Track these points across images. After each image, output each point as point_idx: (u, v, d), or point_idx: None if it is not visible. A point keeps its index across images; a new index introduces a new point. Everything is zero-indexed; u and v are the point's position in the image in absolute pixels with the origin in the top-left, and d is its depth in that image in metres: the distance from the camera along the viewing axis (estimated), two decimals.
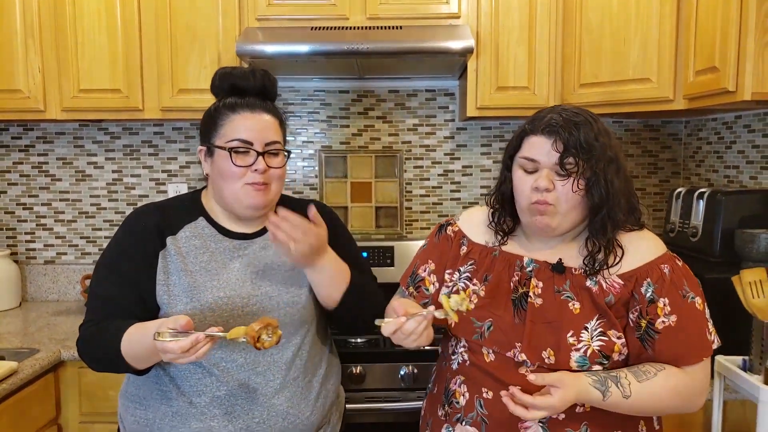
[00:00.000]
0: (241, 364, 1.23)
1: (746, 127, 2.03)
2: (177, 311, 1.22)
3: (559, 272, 1.17)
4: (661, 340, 1.11)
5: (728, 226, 1.74)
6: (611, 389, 1.08)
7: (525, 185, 1.15)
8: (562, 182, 1.12)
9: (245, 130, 1.24)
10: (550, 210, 1.13)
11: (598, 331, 1.12)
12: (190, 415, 1.22)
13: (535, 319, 1.15)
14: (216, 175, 1.28)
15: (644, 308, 1.13)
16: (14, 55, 2.11)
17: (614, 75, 1.98)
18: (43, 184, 2.51)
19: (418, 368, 1.83)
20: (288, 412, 1.25)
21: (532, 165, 1.14)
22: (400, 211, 2.52)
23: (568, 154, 1.10)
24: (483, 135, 2.50)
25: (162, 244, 1.27)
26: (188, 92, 2.14)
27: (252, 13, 2.12)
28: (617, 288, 1.14)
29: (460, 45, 1.96)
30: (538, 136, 1.14)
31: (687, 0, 1.80)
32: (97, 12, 2.10)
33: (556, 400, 1.04)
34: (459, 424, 1.20)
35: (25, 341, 1.95)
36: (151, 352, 1.11)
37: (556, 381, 1.06)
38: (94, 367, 1.26)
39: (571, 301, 1.15)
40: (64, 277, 2.51)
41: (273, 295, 1.27)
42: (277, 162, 1.28)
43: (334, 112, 2.51)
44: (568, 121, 1.12)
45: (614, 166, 1.13)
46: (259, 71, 1.31)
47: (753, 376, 1.45)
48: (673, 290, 1.13)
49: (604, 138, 1.13)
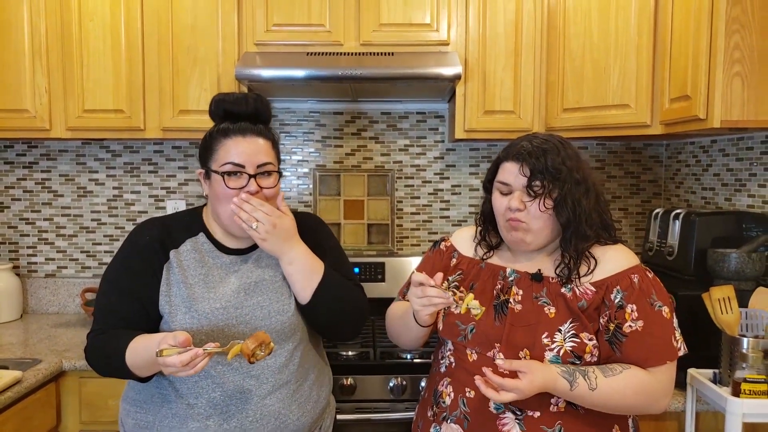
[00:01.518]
0: (235, 368, 1.31)
1: (721, 151, 2.13)
2: (177, 320, 1.30)
3: (538, 281, 1.29)
4: (627, 343, 1.21)
5: (701, 246, 1.82)
6: (578, 380, 1.17)
7: (501, 205, 1.29)
8: (531, 202, 1.25)
9: (237, 154, 1.31)
10: (523, 227, 1.26)
11: (570, 333, 1.22)
12: (188, 416, 1.29)
13: (514, 323, 1.25)
14: (212, 197, 1.36)
15: (613, 313, 1.23)
16: (22, 76, 2.19)
17: (595, 101, 2.08)
18: (46, 200, 2.58)
19: (407, 380, 1.90)
20: (280, 413, 1.33)
21: (506, 188, 1.29)
22: (392, 229, 2.61)
23: (534, 177, 1.24)
24: (471, 156, 2.60)
25: (166, 257, 1.35)
26: (188, 113, 2.22)
27: (251, 38, 2.21)
28: (590, 294, 1.25)
29: (449, 71, 2.06)
30: (510, 162, 1.28)
31: (662, 31, 1.90)
32: (102, 35, 2.19)
33: (524, 384, 1.13)
34: (445, 422, 1.29)
35: (27, 352, 2.01)
36: (152, 364, 1.19)
37: (524, 366, 1.15)
38: (100, 373, 1.34)
39: (547, 306, 1.25)
40: (64, 290, 2.58)
41: (264, 305, 1.35)
42: (270, 182, 1.35)
43: (329, 133, 2.60)
44: (537, 148, 1.25)
45: (582, 187, 1.26)
46: (251, 96, 1.38)
47: (722, 388, 1.52)
48: (641, 298, 1.23)
49: (572, 162, 1.26)
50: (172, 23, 2.19)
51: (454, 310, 1.29)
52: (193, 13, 2.19)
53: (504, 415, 1.23)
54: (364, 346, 2.07)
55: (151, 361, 1.18)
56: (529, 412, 1.22)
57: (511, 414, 1.23)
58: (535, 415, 1.22)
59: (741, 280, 1.69)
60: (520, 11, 2.20)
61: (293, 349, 1.38)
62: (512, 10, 2.19)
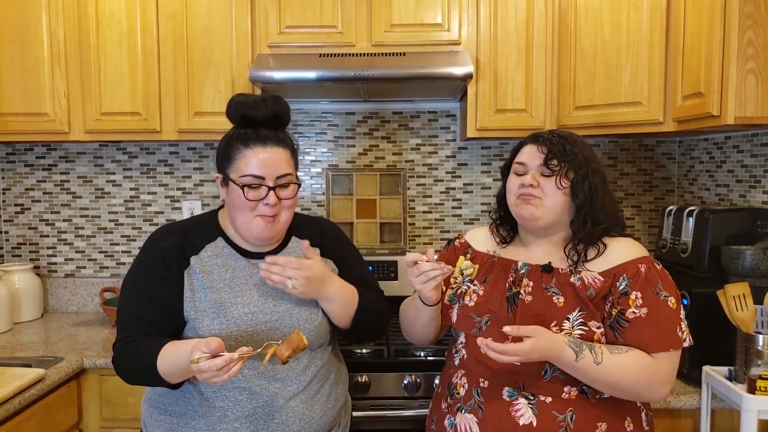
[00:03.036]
0: (261, 371, 1.31)
1: (735, 148, 2.12)
2: (205, 326, 1.30)
3: (548, 272, 1.31)
4: (630, 328, 1.23)
5: (716, 243, 1.82)
6: (584, 353, 1.19)
7: (515, 184, 1.35)
8: (547, 180, 1.30)
9: (257, 165, 1.30)
10: (536, 201, 1.30)
11: (578, 321, 1.24)
12: (214, 418, 1.30)
13: (524, 313, 1.28)
14: (230, 205, 1.36)
15: (616, 299, 1.25)
16: (41, 80, 2.23)
17: (607, 98, 2.08)
18: (65, 201, 2.63)
19: (421, 378, 1.91)
20: (304, 414, 1.34)
21: (522, 168, 1.35)
22: (404, 227, 2.62)
23: (552, 155, 1.30)
24: (483, 154, 2.61)
25: (186, 263, 1.35)
26: (203, 115, 2.25)
27: (264, 40, 2.24)
28: (598, 283, 1.27)
29: (461, 71, 2.07)
30: (528, 146, 1.36)
31: (675, 28, 1.90)
32: (119, 40, 2.23)
33: (527, 346, 1.15)
34: (459, 413, 1.31)
35: (48, 350, 2.05)
36: (185, 371, 1.20)
37: (530, 331, 1.17)
38: (128, 382, 1.34)
39: (555, 295, 1.28)
40: (83, 290, 2.63)
41: (293, 312, 1.36)
42: (288, 193, 1.35)
43: (341, 133, 2.63)
44: (556, 135, 1.34)
45: (599, 176, 1.31)
46: (270, 99, 1.36)
47: (737, 385, 1.52)
48: (646, 286, 1.25)
49: (588, 152, 1.32)
50: (186, 27, 2.22)
51: (454, 277, 1.33)
52: (207, 17, 2.22)
53: (517, 401, 1.26)
54: (377, 343, 2.09)
55: (183, 368, 1.19)
56: (542, 397, 1.25)
57: (524, 400, 1.26)
58: (548, 400, 1.24)
59: (756, 277, 1.69)
60: (531, 10, 2.20)
61: (317, 353, 1.40)
62: (523, 8, 2.20)
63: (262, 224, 1.33)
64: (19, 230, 2.64)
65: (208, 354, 1.13)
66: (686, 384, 1.75)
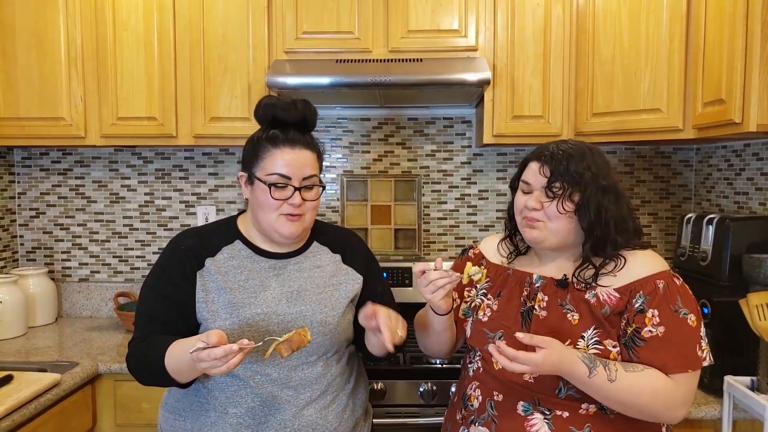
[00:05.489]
0: (274, 378, 1.31)
1: (755, 155, 2.10)
2: (216, 326, 1.31)
3: (563, 287, 1.28)
4: (645, 348, 1.19)
5: (736, 251, 1.80)
6: (598, 369, 1.15)
7: (519, 203, 1.32)
8: (549, 203, 1.25)
9: (284, 165, 1.32)
10: (540, 225, 1.27)
11: (594, 340, 1.21)
12: (227, 424, 1.30)
13: (538, 329, 1.25)
14: (254, 204, 1.37)
15: (632, 317, 1.21)
16: (58, 85, 2.25)
17: (626, 105, 2.07)
18: (80, 206, 2.64)
19: (437, 385, 1.90)
20: (317, 423, 1.33)
21: (527, 187, 1.31)
22: (418, 234, 2.61)
23: (554, 179, 1.25)
24: (499, 161, 2.60)
25: (200, 265, 1.37)
26: (220, 120, 2.25)
27: (281, 46, 2.24)
28: (613, 300, 1.23)
29: (478, 77, 2.06)
30: (533, 162, 1.31)
31: (695, 35, 1.89)
32: (136, 45, 2.24)
33: (539, 357, 1.12)
34: (473, 426, 1.29)
35: (63, 355, 2.05)
36: (191, 368, 1.20)
37: (544, 342, 1.14)
38: (142, 382, 1.35)
39: (570, 313, 1.25)
40: (97, 295, 2.63)
41: (307, 314, 1.35)
42: (312, 195, 1.37)
43: (356, 139, 2.62)
44: (563, 152, 1.27)
45: (611, 195, 1.25)
46: (300, 102, 1.38)
47: (760, 396, 1.50)
48: (663, 303, 1.20)
49: (597, 169, 1.26)
50: (203, 33, 2.23)
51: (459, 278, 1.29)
52: (224, 23, 2.23)
53: (532, 416, 1.23)
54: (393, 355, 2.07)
55: (189, 364, 1.19)
56: (558, 412, 1.22)
57: (540, 414, 1.23)
58: (564, 415, 1.21)
59: None
60: (549, 16, 2.19)
61: (332, 360, 1.39)
62: (541, 15, 2.19)
63: (287, 222, 1.35)
64: (34, 234, 2.65)
65: (208, 345, 1.13)
66: (707, 394, 1.73)
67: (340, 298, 1.40)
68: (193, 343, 1.17)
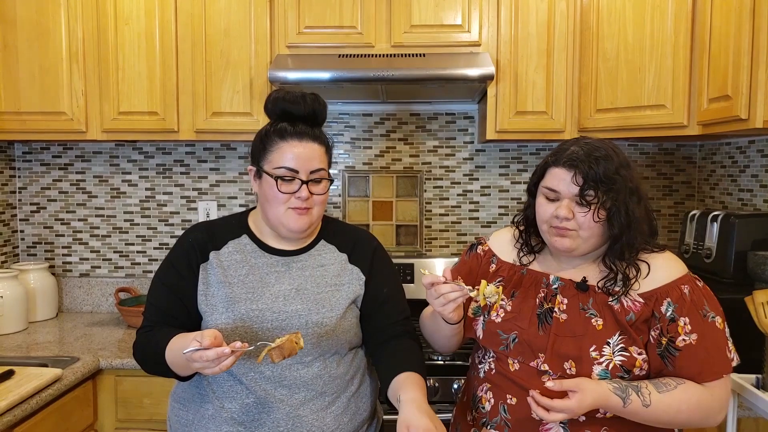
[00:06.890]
0: (267, 376, 1.30)
1: (760, 152, 2.09)
2: (214, 319, 1.31)
3: (583, 290, 1.24)
4: (681, 357, 1.17)
5: (741, 249, 1.79)
6: (632, 397, 1.13)
7: (546, 212, 1.24)
8: (582, 212, 1.19)
9: (292, 158, 1.30)
10: (572, 234, 1.21)
11: (620, 347, 1.18)
12: (221, 419, 1.30)
13: (559, 333, 1.22)
14: (262, 197, 1.36)
15: (665, 327, 1.18)
16: (59, 79, 2.23)
17: (630, 101, 2.06)
18: (80, 201, 2.63)
19: (439, 382, 1.89)
20: (312, 424, 1.30)
21: (554, 194, 1.22)
22: (420, 230, 2.60)
23: (588, 186, 1.18)
24: (501, 157, 2.58)
25: (204, 258, 1.36)
26: (221, 115, 2.24)
27: (283, 40, 2.23)
28: (638, 306, 1.20)
29: (481, 72, 2.05)
30: (560, 168, 1.21)
31: (701, 30, 1.88)
32: (137, 40, 2.23)
33: (573, 403, 1.10)
34: (485, 428, 1.27)
35: (64, 350, 2.05)
36: (186, 363, 1.19)
37: (574, 386, 1.12)
38: (146, 370, 1.36)
39: (594, 317, 1.21)
40: (98, 290, 2.62)
41: (302, 313, 1.33)
42: (320, 189, 1.35)
43: (358, 134, 2.61)
44: (589, 155, 1.19)
45: (636, 197, 1.21)
46: (309, 96, 1.36)
47: (766, 394, 1.49)
48: (693, 310, 1.18)
49: (625, 170, 1.20)
50: (205, 27, 2.22)
51: (476, 299, 1.23)
52: (226, 18, 2.21)
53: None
54: None
55: (185, 361, 1.18)
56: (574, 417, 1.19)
57: None
58: (581, 419, 1.19)
59: None
60: (553, 11, 2.18)
61: (331, 362, 1.35)
62: (544, 10, 2.18)
63: (294, 215, 1.33)
64: (35, 229, 2.64)
65: (201, 346, 1.13)
66: None
67: (340, 299, 1.37)
68: (188, 342, 1.16)
